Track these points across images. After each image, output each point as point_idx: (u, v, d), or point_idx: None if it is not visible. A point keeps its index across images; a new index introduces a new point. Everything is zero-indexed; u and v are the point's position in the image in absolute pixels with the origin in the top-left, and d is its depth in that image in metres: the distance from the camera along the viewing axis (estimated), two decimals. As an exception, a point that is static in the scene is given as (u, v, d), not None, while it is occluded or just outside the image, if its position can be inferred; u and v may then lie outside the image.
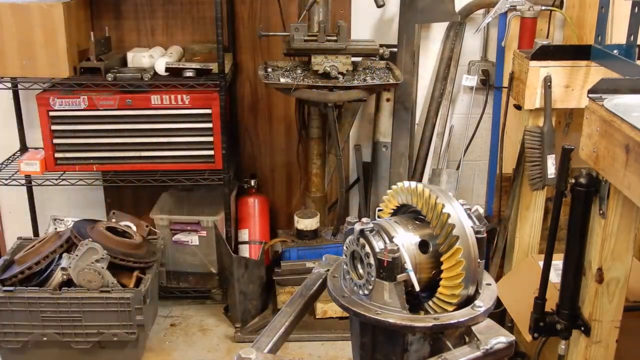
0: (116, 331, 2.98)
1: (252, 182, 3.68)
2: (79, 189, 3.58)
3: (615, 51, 2.42)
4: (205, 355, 3.20)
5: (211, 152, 3.25)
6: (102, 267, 2.92)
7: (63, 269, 2.95)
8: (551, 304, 2.46)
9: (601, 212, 2.17)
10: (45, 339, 2.98)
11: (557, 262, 2.45)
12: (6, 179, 3.33)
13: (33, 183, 3.42)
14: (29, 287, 2.94)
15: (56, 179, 3.32)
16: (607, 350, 2.35)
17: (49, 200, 3.80)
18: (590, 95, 2.11)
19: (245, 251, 3.54)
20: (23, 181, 3.38)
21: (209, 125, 3.21)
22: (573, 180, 2.24)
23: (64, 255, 3.02)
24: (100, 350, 3.03)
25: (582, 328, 2.33)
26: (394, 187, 1.12)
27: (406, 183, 1.11)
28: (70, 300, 2.91)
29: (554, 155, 2.81)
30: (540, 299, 2.46)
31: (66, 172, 3.32)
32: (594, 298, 2.27)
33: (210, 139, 3.23)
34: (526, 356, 3.00)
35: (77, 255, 2.91)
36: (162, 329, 3.39)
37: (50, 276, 2.99)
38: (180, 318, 3.49)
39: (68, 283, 2.97)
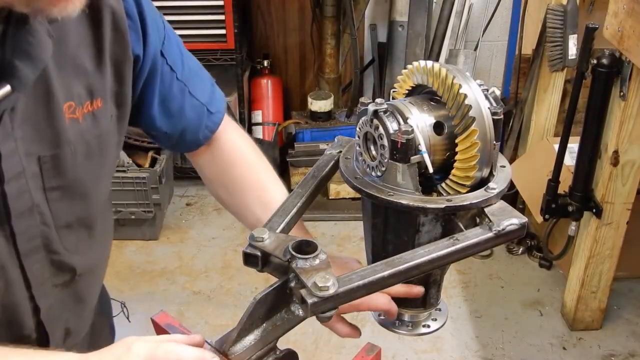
0: (134, 209, 3.04)
1: (265, 63, 3.62)
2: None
3: None
4: (220, 233, 3.28)
5: (223, 32, 3.17)
6: (117, 148, 2.94)
7: (78, 149, 2.97)
8: (564, 186, 2.47)
9: (622, 94, 2.13)
10: (64, 216, 3.05)
11: (572, 145, 2.44)
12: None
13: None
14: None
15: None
16: (618, 231, 2.38)
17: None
18: (619, -30, 2.01)
19: (258, 132, 3.54)
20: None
21: (220, 2, 3.12)
22: (595, 61, 2.19)
23: (79, 135, 3.04)
24: (119, 227, 3.11)
25: (594, 210, 2.35)
26: (409, 66, 1.08)
27: (422, 62, 1.06)
28: (87, 179, 2.96)
29: (576, 35, 2.72)
30: (554, 181, 2.47)
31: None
32: (608, 180, 2.27)
33: (222, 17, 3.14)
34: (536, 237, 3.05)
35: (91, 136, 2.92)
36: (179, 208, 3.46)
37: (66, 156, 3.02)
38: (195, 198, 3.55)
39: (84, 163, 3.00)
